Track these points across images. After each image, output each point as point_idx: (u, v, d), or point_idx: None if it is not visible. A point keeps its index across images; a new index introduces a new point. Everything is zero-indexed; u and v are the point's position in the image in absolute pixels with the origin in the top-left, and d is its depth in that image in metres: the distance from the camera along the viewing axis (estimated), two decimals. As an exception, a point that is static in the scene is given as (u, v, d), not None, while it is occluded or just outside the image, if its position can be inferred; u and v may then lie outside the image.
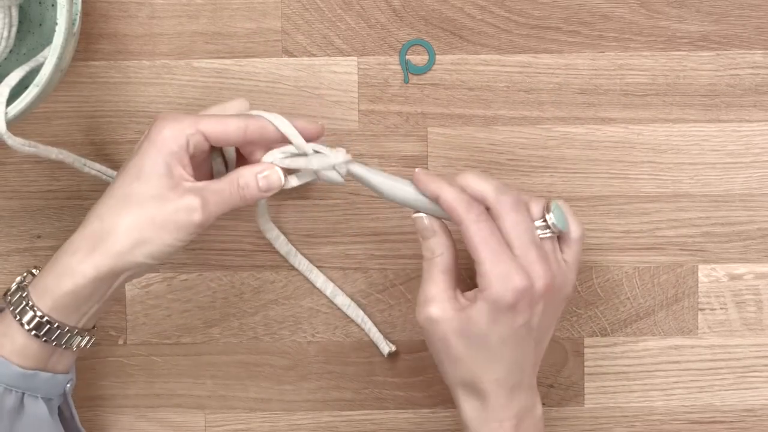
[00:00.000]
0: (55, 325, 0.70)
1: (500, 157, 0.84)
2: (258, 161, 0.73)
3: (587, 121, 0.84)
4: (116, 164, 0.83)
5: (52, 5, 0.79)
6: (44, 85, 0.73)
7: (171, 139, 0.70)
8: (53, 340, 0.71)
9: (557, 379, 0.85)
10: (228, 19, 0.83)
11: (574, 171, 0.84)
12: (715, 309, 0.85)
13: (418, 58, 0.83)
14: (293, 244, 0.83)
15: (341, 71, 0.83)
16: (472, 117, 0.83)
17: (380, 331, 0.84)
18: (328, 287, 0.84)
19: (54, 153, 0.77)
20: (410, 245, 0.84)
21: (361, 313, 0.84)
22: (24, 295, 0.71)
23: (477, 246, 0.72)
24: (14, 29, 0.77)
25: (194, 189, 0.70)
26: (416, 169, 0.74)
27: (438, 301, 0.73)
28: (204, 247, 0.84)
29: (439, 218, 0.74)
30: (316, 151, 0.73)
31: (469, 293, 0.73)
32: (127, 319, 0.84)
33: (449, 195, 0.72)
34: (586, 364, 0.85)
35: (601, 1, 0.83)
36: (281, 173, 0.73)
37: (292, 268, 0.84)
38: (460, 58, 0.83)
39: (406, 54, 0.83)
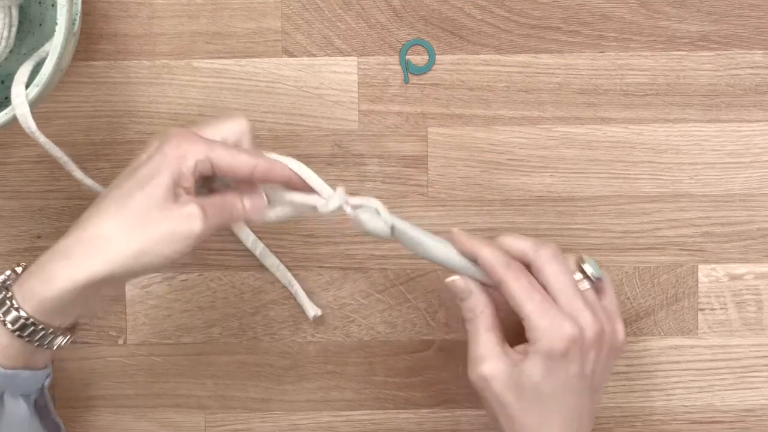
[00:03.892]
0: (39, 327, 0.69)
1: (500, 157, 0.84)
2: None
3: (587, 121, 0.84)
4: (116, 164, 0.83)
5: (52, 5, 0.79)
6: (44, 85, 0.73)
7: (183, 158, 0.70)
8: (36, 341, 0.70)
9: (557, 379, 0.85)
10: (228, 19, 0.83)
11: (574, 171, 0.84)
12: (715, 309, 0.85)
13: (418, 58, 0.83)
14: (294, 244, 0.84)
15: (341, 71, 0.83)
16: (472, 117, 0.84)
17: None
18: (257, 247, 0.84)
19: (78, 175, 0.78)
20: (410, 245, 0.84)
21: (289, 274, 0.84)
22: (9, 296, 0.69)
23: (521, 301, 0.72)
24: (14, 29, 0.77)
25: (196, 203, 0.70)
26: (453, 230, 0.74)
27: (489, 359, 0.73)
28: (204, 247, 0.84)
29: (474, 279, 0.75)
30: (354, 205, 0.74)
31: (520, 347, 0.73)
32: (127, 319, 0.84)
33: (488, 254, 0.73)
34: (586, 364, 0.85)
35: (601, 1, 0.83)
36: (266, 201, 0.73)
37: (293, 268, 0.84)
38: (460, 58, 0.83)
39: (406, 54, 0.83)
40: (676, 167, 0.84)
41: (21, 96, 0.73)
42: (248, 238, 0.84)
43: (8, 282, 0.71)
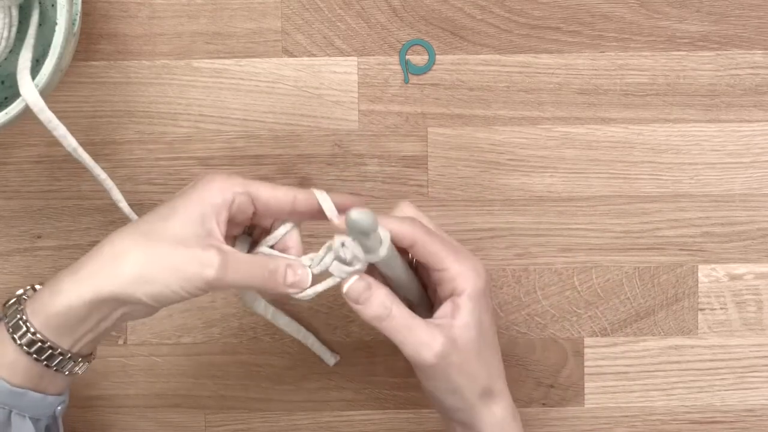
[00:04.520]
0: (47, 345, 0.67)
1: (500, 157, 0.84)
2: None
3: (587, 121, 0.84)
4: (116, 164, 0.83)
5: (52, 5, 0.79)
6: (44, 85, 0.73)
7: (217, 191, 0.68)
8: (44, 360, 0.68)
9: (557, 379, 0.85)
10: (228, 19, 0.83)
11: (574, 171, 0.84)
12: (715, 309, 0.85)
13: (418, 58, 0.83)
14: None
15: (341, 71, 0.83)
16: (472, 117, 0.84)
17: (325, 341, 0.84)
18: (269, 311, 0.82)
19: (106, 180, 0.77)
20: (410, 245, 0.84)
21: (302, 329, 0.84)
22: (20, 308, 0.68)
23: (440, 252, 0.70)
24: (14, 29, 0.77)
25: (218, 248, 0.67)
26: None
27: (436, 335, 0.69)
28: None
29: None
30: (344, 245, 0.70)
31: (443, 309, 0.71)
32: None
33: (393, 222, 0.70)
34: (586, 364, 0.85)
35: (601, 1, 0.83)
36: (310, 277, 0.70)
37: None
38: (460, 58, 0.83)
39: (406, 54, 0.83)
40: (676, 167, 0.84)
41: (37, 100, 0.73)
42: (260, 304, 0.81)
43: (24, 297, 0.70)
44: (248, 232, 0.74)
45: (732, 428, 0.85)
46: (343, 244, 0.69)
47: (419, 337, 0.69)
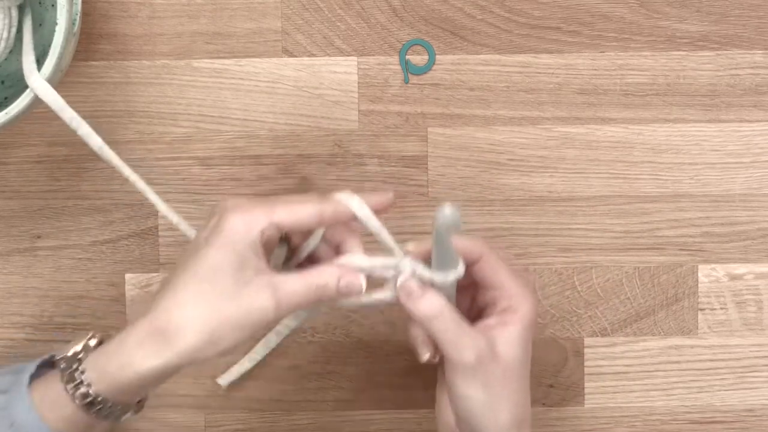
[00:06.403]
0: (108, 404, 0.70)
1: (500, 157, 0.84)
2: (341, 252, 0.72)
3: (587, 121, 0.84)
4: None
5: (52, 5, 0.79)
6: (44, 85, 0.73)
7: (244, 233, 0.68)
8: (103, 416, 0.70)
9: (557, 379, 0.85)
10: (228, 19, 0.83)
11: (574, 171, 0.84)
12: (715, 309, 0.85)
13: (418, 58, 0.83)
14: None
15: (341, 71, 0.83)
16: (472, 117, 0.84)
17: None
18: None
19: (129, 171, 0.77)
20: (410, 245, 0.84)
21: (275, 342, 0.83)
22: (81, 371, 0.69)
23: (503, 271, 0.72)
24: (14, 29, 0.77)
25: (269, 286, 0.69)
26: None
27: (479, 339, 0.71)
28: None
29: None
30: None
31: (487, 321, 0.72)
32: (127, 319, 0.84)
33: (461, 240, 0.71)
34: (586, 364, 0.85)
35: (601, 1, 0.83)
36: (364, 283, 0.71)
37: (292, 268, 0.84)
38: (460, 58, 0.83)
39: (406, 54, 0.83)
40: (676, 167, 0.84)
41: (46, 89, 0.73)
42: None
43: (80, 355, 0.70)
44: (284, 237, 0.74)
45: (732, 428, 0.86)
46: (414, 272, 0.71)
47: (463, 340, 0.71)
